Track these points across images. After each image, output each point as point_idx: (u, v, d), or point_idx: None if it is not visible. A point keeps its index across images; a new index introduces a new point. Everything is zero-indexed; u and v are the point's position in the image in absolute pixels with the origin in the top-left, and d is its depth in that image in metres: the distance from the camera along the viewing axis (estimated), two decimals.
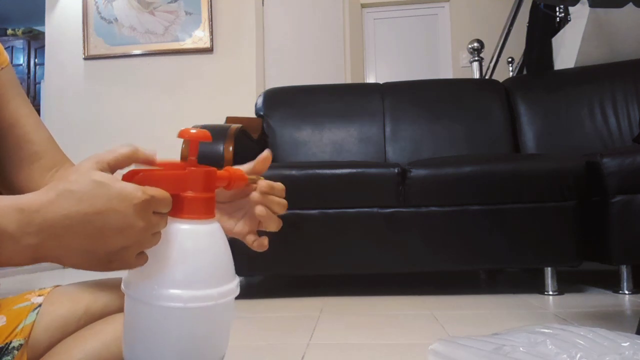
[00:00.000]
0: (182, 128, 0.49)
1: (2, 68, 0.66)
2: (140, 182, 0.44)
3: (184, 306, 0.44)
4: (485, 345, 0.90)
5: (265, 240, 0.58)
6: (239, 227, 0.59)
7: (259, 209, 0.55)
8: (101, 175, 0.42)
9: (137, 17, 3.62)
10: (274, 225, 0.57)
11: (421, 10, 4.63)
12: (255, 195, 0.57)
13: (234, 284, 0.49)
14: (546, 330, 0.93)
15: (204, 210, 0.47)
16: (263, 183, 0.56)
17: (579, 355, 0.80)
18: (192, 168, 0.47)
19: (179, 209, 0.46)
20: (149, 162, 0.46)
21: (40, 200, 0.41)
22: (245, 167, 0.57)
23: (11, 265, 0.43)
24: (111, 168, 0.44)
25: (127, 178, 0.45)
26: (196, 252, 0.46)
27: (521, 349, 0.86)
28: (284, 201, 0.59)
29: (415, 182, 1.91)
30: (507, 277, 2.45)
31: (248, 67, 3.55)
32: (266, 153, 0.58)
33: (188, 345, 0.46)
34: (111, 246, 0.42)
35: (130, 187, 0.42)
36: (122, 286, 0.47)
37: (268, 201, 0.57)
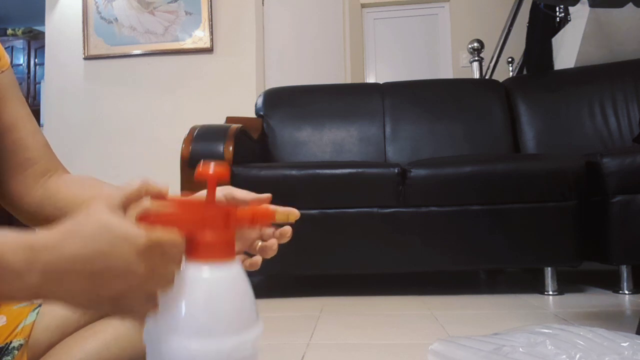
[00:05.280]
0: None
1: (2, 71, 0.66)
2: (154, 224, 0.42)
3: (191, 356, 0.41)
4: (484, 345, 0.90)
5: (258, 260, 0.56)
6: None
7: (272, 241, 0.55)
8: (107, 217, 0.40)
9: (137, 17, 3.62)
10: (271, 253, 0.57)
11: (421, 10, 4.63)
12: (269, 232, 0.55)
13: (254, 333, 0.45)
14: (546, 331, 0.93)
15: (220, 252, 0.45)
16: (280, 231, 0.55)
17: (578, 356, 0.80)
18: (211, 208, 0.44)
19: (195, 250, 0.44)
20: (160, 195, 0.44)
21: (47, 240, 0.40)
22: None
23: (10, 302, 0.41)
24: (123, 207, 0.42)
25: (140, 219, 0.42)
26: (209, 299, 0.43)
27: (520, 349, 0.86)
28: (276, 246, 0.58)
29: (415, 182, 1.91)
30: (507, 277, 2.44)
31: (248, 67, 3.54)
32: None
33: None
34: (113, 290, 0.40)
35: (134, 231, 0.40)
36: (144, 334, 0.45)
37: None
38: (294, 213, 0.54)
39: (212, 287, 0.44)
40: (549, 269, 1.89)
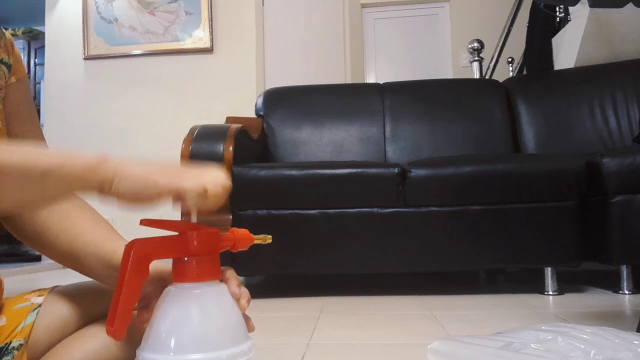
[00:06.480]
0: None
1: (18, 79, 0.65)
2: (141, 249, 0.44)
3: None
4: (491, 342, 0.87)
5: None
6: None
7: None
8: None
9: (137, 17, 3.62)
10: None
11: (421, 10, 4.64)
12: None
13: (240, 349, 0.46)
14: (554, 328, 0.89)
15: (203, 273, 0.47)
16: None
17: (593, 352, 0.77)
18: (193, 231, 0.47)
19: (181, 272, 0.47)
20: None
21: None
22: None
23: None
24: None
25: (128, 248, 0.45)
26: (197, 315, 0.46)
27: (532, 345, 0.82)
28: None
29: (415, 182, 1.91)
30: (507, 277, 2.44)
31: (248, 67, 3.54)
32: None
33: None
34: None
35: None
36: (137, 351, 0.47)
37: None
38: (268, 237, 0.56)
39: (201, 304, 0.46)
40: (549, 269, 1.89)
